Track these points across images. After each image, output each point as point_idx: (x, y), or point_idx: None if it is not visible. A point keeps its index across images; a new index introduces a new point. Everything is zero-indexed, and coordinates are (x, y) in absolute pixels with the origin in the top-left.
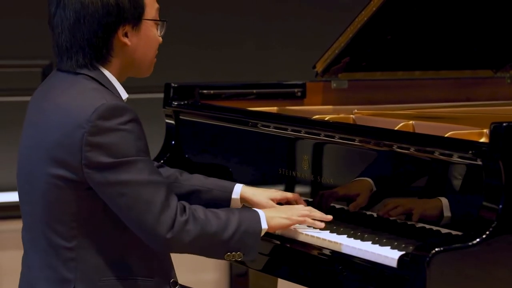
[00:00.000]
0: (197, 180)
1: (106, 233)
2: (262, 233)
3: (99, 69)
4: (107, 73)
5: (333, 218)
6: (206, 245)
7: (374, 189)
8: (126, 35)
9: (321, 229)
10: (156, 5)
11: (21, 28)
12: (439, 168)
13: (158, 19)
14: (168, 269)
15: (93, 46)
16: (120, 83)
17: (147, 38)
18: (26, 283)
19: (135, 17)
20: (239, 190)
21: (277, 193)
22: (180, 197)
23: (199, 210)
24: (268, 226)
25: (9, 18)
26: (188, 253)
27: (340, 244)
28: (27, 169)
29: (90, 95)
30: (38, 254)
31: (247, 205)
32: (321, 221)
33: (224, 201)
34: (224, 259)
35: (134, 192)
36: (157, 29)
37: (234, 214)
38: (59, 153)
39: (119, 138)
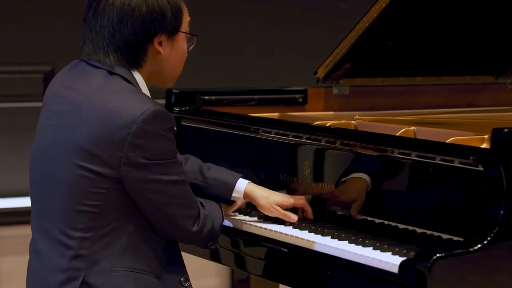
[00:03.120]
0: (198, 174)
1: (122, 226)
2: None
3: (131, 72)
4: (138, 77)
5: (334, 224)
6: (209, 236)
7: (370, 187)
8: (160, 44)
9: (322, 234)
10: (189, 18)
11: (23, 34)
12: (440, 174)
13: (189, 32)
14: (179, 266)
15: (130, 48)
16: None
17: (178, 49)
18: (34, 271)
19: (173, 27)
20: (242, 187)
21: (285, 198)
22: None
23: (207, 206)
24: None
25: (10, 24)
26: (195, 243)
27: (342, 250)
28: (48, 158)
29: (133, 96)
30: (50, 242)
31: (251, 201)
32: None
33: (223, 200)
34: (206, 247)
35: (169, 190)
36: (186, 42)
37: (215, 208)
38: (96, 147)
39: (160, 143)
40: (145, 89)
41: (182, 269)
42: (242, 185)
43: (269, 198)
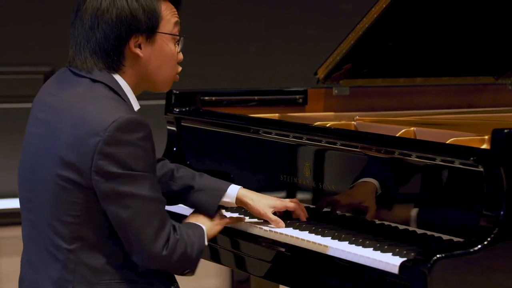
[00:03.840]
0: (190, 179)
1: (107, 237)
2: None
3: (113, 77)
4: (121, 81)
5: (334, 224)
6: (181, 263)
7: (379, 191)
8: (139, 46)
9: (322, 235)
10: (174, 19)
11: (23, 35)
12: (441, 175)
13: (174, 34)
14: (169, 274)
15: (105, 52)
16: (136, 96)
17: (161, 52)
18: (28, 281)
19: (149, 29)
20: (234, 192)
21: (278, 202)
22: (172, 194)
23: (182, 229)
24: (207, 236)
25: (11, 25)
26: (166, 269)
27: (342, 250)
28: (32, 166)
29: (108, 104)
30: (40, 253)
31: (242, 206)
32: (324, 227)
33: (213, 204)
34: (182, 275)
35: (138, 206)
36: (175, 45)
37: (194, 233)
38: (69, 155)
39: (132, 152)
40: (130, 94)
41: (171, 276)
42: (234, 190)
43: (261, 201)
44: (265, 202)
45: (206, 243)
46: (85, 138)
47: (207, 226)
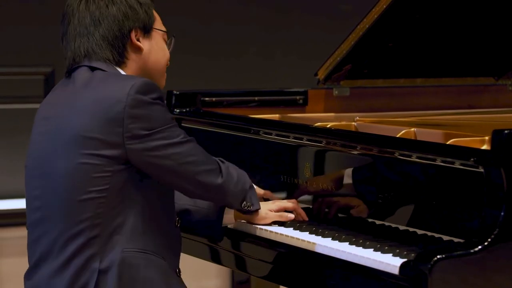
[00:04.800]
0: (188, 199)
1: (130, 208)
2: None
3: (115, 68)
4: (123, 73)
5: (334, 225)
6: (237, 190)
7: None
8: (138, 40)
9: (323, 236)
10: (164, 28)
11: (23, 35)
12: (441, 176)
13: (163, 30)
14: (177, 255)
15: (110, 44)
16: None
17: (157, 47)
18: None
19: (146, 22)
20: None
21: (274, 205)
22: None
23: (227, 163)
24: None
25: (11, 25)
26: (226, 199)
27: (342, 251)
28: (42, 162)
29: (116, 78)
30: (56, 243)
31: (242, 218)
32: (324, 228)
33: (215, 221)
34: (240, 208)
35: (179, 150)
36: (165, 44)
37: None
38: (94, 131)
39: (156, 111)
40: None
41: (177, 259)
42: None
43: (261, 209)
44: (265, 208)
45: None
46: (109, 109)
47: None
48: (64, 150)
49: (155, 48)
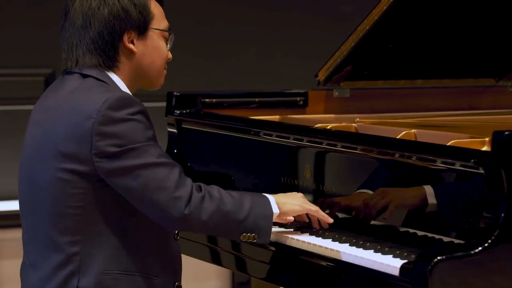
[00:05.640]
0: None
1: (112, 227)
2: (274, 217)
3: (107, 74)
4: (115, 77)
5: (335, 226)
6: (222, 224)
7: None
8: (132, 42)
9: (323, 237)
10: (165, 23)
11: (23, 37)
12: (441, 177)
13: (165, 29)
14: (175, 271)
15: (100, 49)
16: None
17: (153, 47)
18: (31, 284)
19: (141, 24)
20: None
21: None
22: None
23: (214, 189)
24: (280, 211)
25: (11, 27)
26: (204, 232)
27: (342, 252)
28: (31, 167)
29: (98, 90)
30: (41, 252)
31: None
32: (325, 229)
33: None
34: (240, 240)
35: (148, 173)
36: (165, 43)
37: (247, 196)
38: (68, 146)
39: (129, 128)
40: (125, 89)
41: (177, 273)
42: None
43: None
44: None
45: (276, 210)
46: (80, 124)
47: (278, 199)
48: (45, 160)
49: (150, 49)
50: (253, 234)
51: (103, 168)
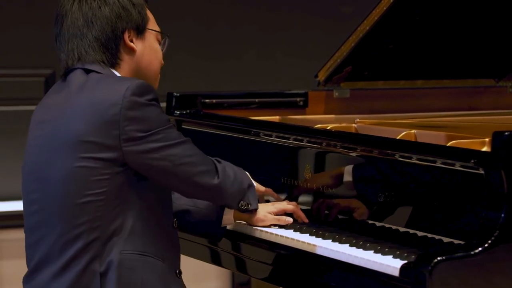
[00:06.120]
0: (188, 200)
1: (128, 210)
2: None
3: (110, 70)
4: (118, 74)
5: (335, 227)
6: (234, 190)
7: (371, 190)
8: (132, 41)
9: (323, 238)
10: (158, 28)
11: (24, 37)
12: (441, 177)
13: (161, 31)
14: (177, 257)
15: (102, 46)
16: None
17: (151, 48)
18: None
19: (140, 23)
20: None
21: (273, 207)
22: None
23: (221, 161)
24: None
25: (12, 27)
26: (224, 199)
27: (343, 253)
28: (40, 165)
29: (112, 80)
30: (54, 246)
31: (242, 219)
32: (325, 230)
33: (214, 220)
34: (237, 208)
35: (177, 151)
36: (159, 45)
37: (233, 167)
38: (89, 136)
39: (152, 112)
40: None
41: (177, 260)
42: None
43: (260, 211)
44: (264, 210)
45: (255, 183)
46: (104, 112)
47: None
48: (60, 154)
49: (148, 49)
50: (246, 202)
51: (131, 152)
